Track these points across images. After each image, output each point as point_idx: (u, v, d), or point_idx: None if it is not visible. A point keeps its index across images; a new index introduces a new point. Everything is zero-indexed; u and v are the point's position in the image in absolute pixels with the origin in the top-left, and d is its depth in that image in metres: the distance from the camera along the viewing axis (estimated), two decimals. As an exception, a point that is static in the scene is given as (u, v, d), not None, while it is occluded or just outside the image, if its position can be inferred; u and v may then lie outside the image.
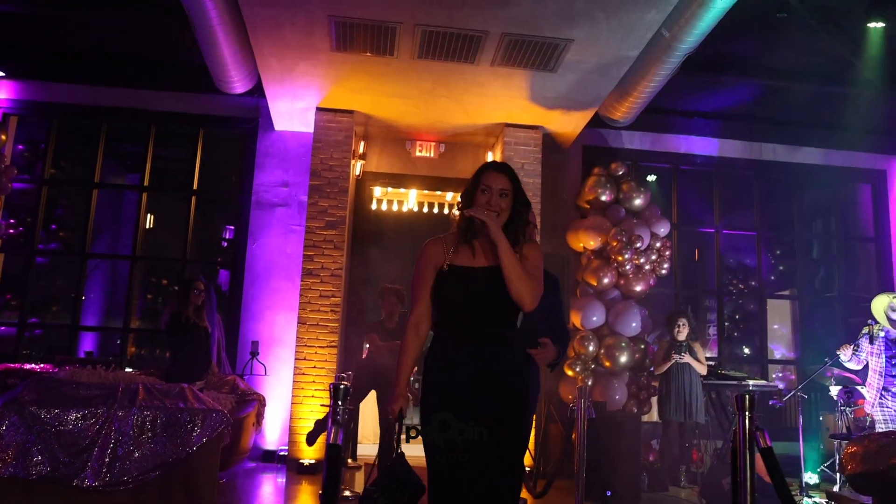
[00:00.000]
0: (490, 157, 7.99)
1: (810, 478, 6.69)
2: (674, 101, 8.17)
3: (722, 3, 5.49)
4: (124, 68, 8.02)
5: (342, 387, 3.01)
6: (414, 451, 2.66)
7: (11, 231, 8.37)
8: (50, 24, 7.43)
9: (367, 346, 9.03)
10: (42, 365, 6.87)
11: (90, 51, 7.90)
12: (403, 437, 2.63)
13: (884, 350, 6.22)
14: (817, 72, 7.55)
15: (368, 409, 7.97)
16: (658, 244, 7.68)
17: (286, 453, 7.11)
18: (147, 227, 9.45)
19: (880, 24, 6.35)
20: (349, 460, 7.05)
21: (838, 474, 6.37)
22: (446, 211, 8.54)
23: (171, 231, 9.24)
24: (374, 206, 8.41)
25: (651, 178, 9.04)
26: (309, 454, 6.90)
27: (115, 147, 9.38)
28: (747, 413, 3.00)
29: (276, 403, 7.44)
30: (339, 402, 2.95)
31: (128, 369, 7.95)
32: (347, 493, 5.81)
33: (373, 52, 6.29)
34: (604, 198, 7.74)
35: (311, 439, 3.75)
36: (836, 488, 6.38)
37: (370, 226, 8.34)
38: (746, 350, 10.83)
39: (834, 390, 6.91)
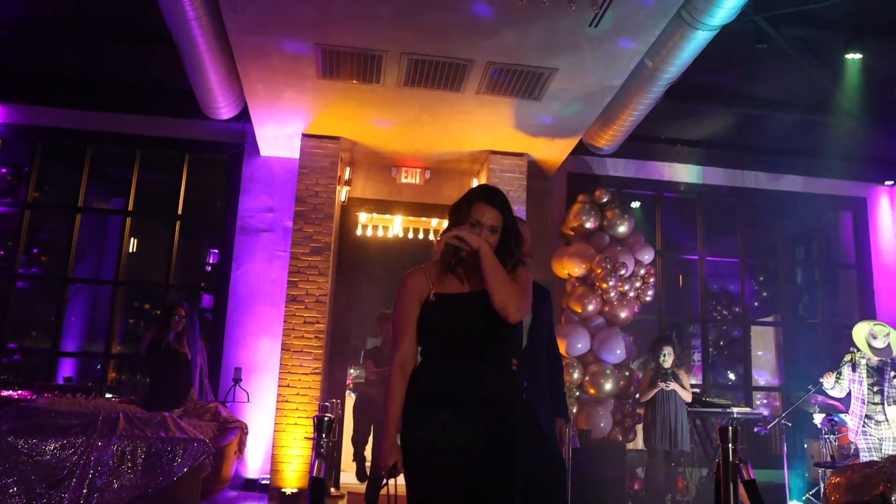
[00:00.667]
0: (476, 185, 8.01)
1: (795, 506, 6.69)
2: (657, 129, 8.26)
3: (703, 35, 5.58)
4: (110, 93, 8.02)
5: (326, 419, 2.99)
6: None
7: (-8, 255, 8.30)
8: (36, 49, 7.42)
9: (352, 371, 9.03)
10: (20, 391, 6.78)
11: (76, 75, 7.89)
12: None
13: (865, 377, 6.26)
14: (798, 101, 7.67)
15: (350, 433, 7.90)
16: (642, 271, 7.72)
17: (268, 482, 7.02)
18: (130, 250, 9.39)
19: (858, 56, 6.46)
20: (332, 489, 6.99)
21: None
22: (431, 237, 8.55)
23: (155, 255, 9.18)
24: (359, 232, 8.41)
25: (635, 204, 9.10)
26: (291, 483, 6.82)
27: (100, 171, 9.34)
28: (730, 444, 3.00)
29: (259, 431, 7.37)
30: (324, 436, 2.92)
31: (108, 395, 7.87)
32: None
33: (359, 79, 6.32)
34: (588, 225, 7.78)
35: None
36: (820, 517, 6.38)
37: (355, 252, 8.33)
38: (731, 376, 10.87)
39: (818, 418, 6.94)
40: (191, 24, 5.65)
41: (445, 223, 2.70)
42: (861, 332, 6.39)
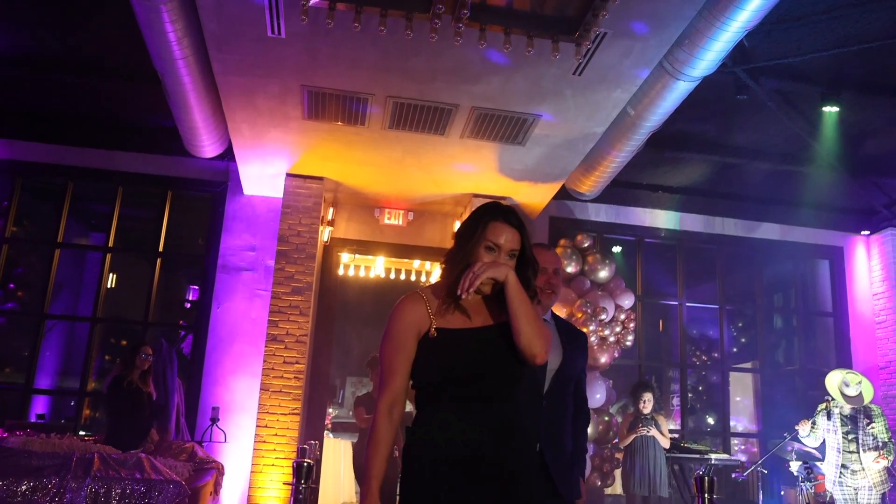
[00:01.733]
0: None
1: (774, 555, 6.65)
2: (639, 176, 8.37)
3: (685, 85, 5.70)
4: (93, 129, 7.99)
5: (305, 465, 2.95)
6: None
7: (-33, 290, 8.18)
8: (19, 85, 7.40)
9: (330, 410, 8.94)
10: (-9, 429, 6.63)
11: (59, 111, 7.87)
12: None
13: (840, 426, 6.29)
14: (776, 151, 7.81)
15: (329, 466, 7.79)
16: (622, 316, 7.75)
17: (243, 525, 6.89)
18: (109, 286, 9.30)
19: (834, 109, 6.61)
20: (308, 533, 6.86)
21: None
22: (413, 278, 8.55)
23: (134, 291, 9.10)
24: (341, 272, 8.40)
25: (616, 250, 9.18)
26: (266, 527, 6.70)
27: (80, 206, 9.29)
28: (706, 494, 3.01)
29: (235, 472, 7.24)
30: (302, 481, 2.88)
31: (82, 433, 7.72)
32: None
33: (344, 121, 6.37)
34: (569, 269, 7.83)
35: None
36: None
37: (336, 292, 8.31)
38: (710, 420, 10.87)
39: (794, 465, 6.94)
40: (177, 64, 5.69)
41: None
42: (834, 380, 6.44)
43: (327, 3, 4.53)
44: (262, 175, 7.64)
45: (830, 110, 6.65)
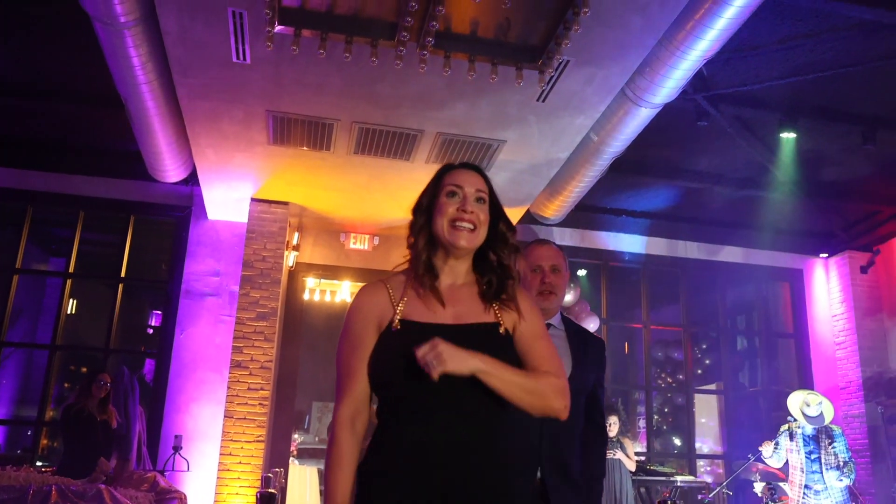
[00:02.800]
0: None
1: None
2: (602, 200, 8.46)
3: (646, 112, 5.80)
4: (54, 153, 7.86)
5: (269, 494, 2.91)
6: None
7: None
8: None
9: (296, 436, 8.82)
10: (-56, 462, 6.43)
11: (19, 135, 7.74)
12: None
13: (803, 447, 6.37)
14: (736, 176, 7.95)
15: (295, 493, 7.68)
16: (589, 339, 7.78)
17: (205, 557, 6.75)
18: (69, 312, 9.11)
19: (792, 135, 6.76)
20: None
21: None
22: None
23: (96, 317, 8.93)
24: (306, 297, 8.33)
25: (581, 273, 9.24)
26: (229, 558, 6.57)
27: (41, 231, 9.12)
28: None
29: (199, 502, 7.09)
30: (262, 513, 2.84)
31: (39, 463, 7.52)
32: None
33: (310, 146, 6.36)
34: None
35: None
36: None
37: (301, 317, 8.25)
38: (676, 442, 10.93)
39: (758, 487, 7.00)
40: (141, 89, 5.64)
41: (413, 215, 2.02)
42: (795, 401, 6.54)
43: (293, 29, 4.54)
44: (227, 200, 7.58)
45: (788, 136, 6.80)
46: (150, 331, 11.03)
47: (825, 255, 9.42)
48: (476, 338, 1.77)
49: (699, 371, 10.91)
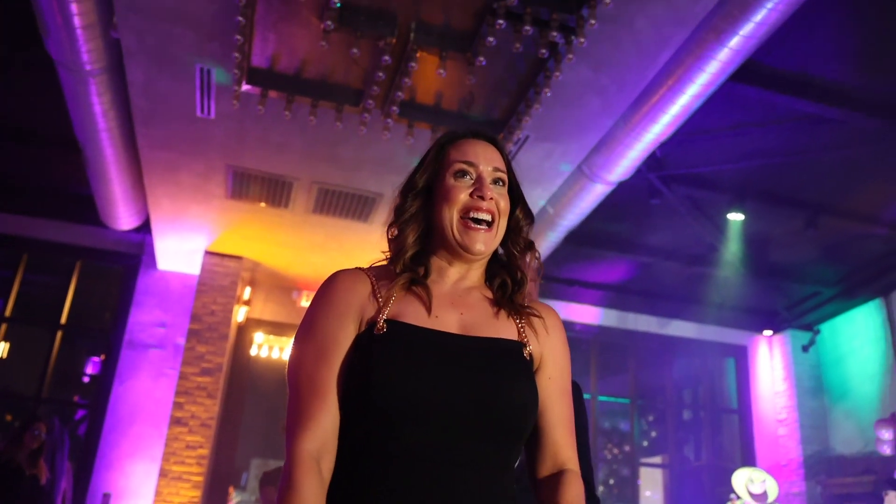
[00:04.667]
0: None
1: None
2: (557, 270, 8.55)
3: (601, 188, 5.94)
4: (1, 192, 7.67)
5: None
6: None
7: None
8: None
9: (235, 498, 8.50)
10: None
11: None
12: None
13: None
14: (686, 252, 8.14)
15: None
16: (537, 408, 7.76)
17: None
18: (0, 356, 8.76)
19: (740, 217, 6.99)
20: None
21: None
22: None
23: (29, 362, 8.59)
24: (253, 352, 8.18)
25: (533, 340, 9.25)
26: None
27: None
28: None
29: (124, 565, 6.79)
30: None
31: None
32: None
33: (268, 202, 6.34)
34: (486, 359, 7.84)
35: None
36: None
37: (247, 373, 8.08)
38: (621, 515, 10.88)
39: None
40: (101, 135, 5.58)
41: (399, 197, 1.50)
42: (740, 478, 6.61)
43: (260, 90, 4.57)
44: (179, 251, 7.46)
45: (736, 218, 7.03)
46: (86, 379, 10.64)
47: (769, 332, 9.63)
48: (494, 357, 1.30)
49: (645, 443, 10.94)
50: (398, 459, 1.20)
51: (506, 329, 1.37)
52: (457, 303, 1.37)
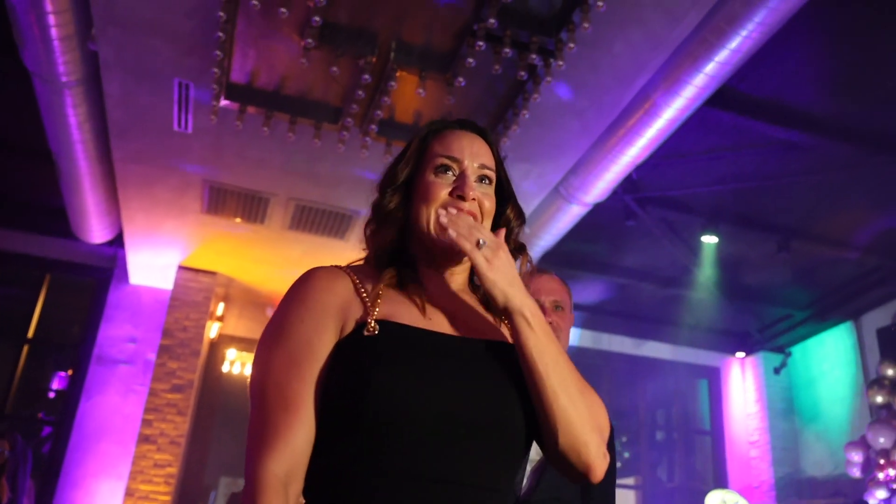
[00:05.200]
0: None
1: None
2: (531, 290, 8.55)
3: (578, 209, 5.98)
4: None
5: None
6: None
7: None
8: None
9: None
10: None
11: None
12: None
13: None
14: (660, 274, 8.21)
15: None
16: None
17: None
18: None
19: (713, 240, 7.06)
20: None
21: None
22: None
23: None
24: (225, 369, 8.08)
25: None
26: None
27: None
28: None
29: (88, 587, 6.63)
30: None
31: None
32: None
33: (244, 218, 6.29)
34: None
35: None
36: None
37: (218, 390, 7.99)
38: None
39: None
40: (75, 147, 5.51)
41: (380, 189, 1.38)
42: (714, 500, 6.63)
43: (238, 105, 4.55)
44: (152, 265, 7.37)
45: (710, 241, 7.10)
46: (52, 394, 10.42)
47: (742, 354, 9.71)
48: (495, 359, 1.20)
49: (619, 464, 10.94)
50: (389, 478, 1.07)
51: (499, 331, 1.29)
52: (445, 303, 1.27)
